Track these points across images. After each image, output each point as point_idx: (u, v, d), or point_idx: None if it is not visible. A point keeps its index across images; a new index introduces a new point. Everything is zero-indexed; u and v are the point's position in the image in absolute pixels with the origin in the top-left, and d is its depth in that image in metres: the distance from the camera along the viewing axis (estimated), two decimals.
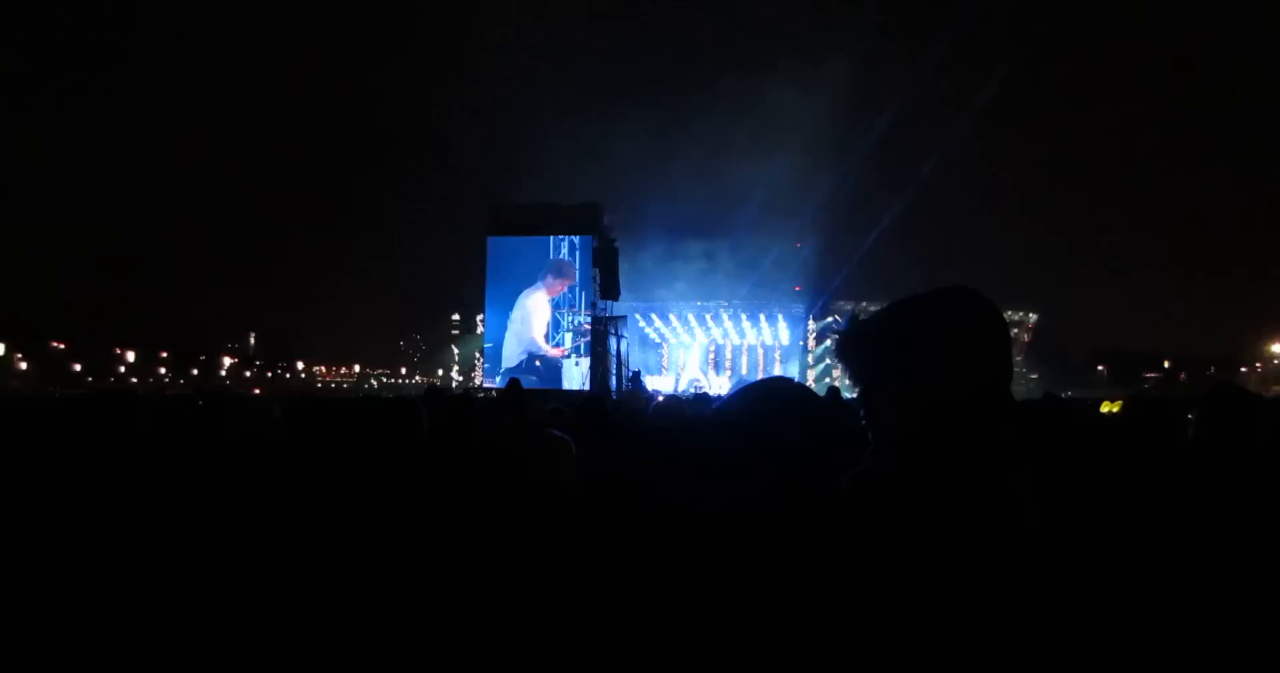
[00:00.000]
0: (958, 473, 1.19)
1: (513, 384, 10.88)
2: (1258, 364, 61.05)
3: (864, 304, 42.59)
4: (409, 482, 2.56)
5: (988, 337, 1.24)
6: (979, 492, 1.19)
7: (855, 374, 1.32)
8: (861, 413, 1.30)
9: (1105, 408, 10.38)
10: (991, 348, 1.24)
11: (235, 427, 2.46)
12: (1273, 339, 59.42)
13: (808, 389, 1.61)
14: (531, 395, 16.53)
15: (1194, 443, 2.88)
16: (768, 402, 1.50)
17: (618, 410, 7.90)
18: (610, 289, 24.46)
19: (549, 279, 25.34)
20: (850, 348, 1.33)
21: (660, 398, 20.48)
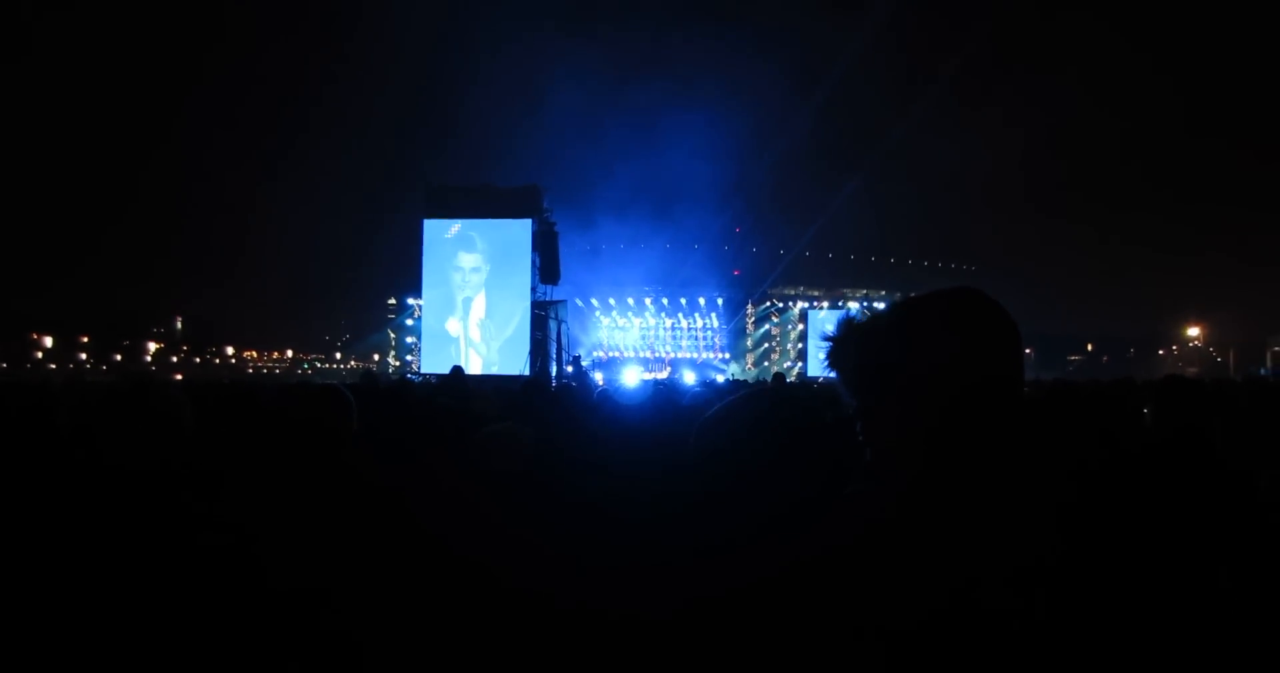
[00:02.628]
0: (975, 487, 1.09)
1: (456, 372, 10.66)
2: (1174, 346, 63.54)
3: (859, 306, 43.10)
4: (337, 481, 2.36)
5: (999, 340, 1.15)
6: (1001, 506, 1.08)
7: (852, 382, 1.19)
8: (859, 425, 1.17)
9: None
10: (1004, 351, 1.15)
11: (140, 420, 2.21)
12: (1188, 322, 61.88)
13: (790, 403, 1.47)
14: (473, 381, 16.31)
15: (1153, 435, 2.84)
16: (758, 431, 1.37)
17: (564, 396, 7.74)
18: (550, 273, 24.23)
19: None
20: (847, 354, 1.20)
21: (601, 381, 20.40)
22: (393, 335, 43.12)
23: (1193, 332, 62.52)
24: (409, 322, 37.10)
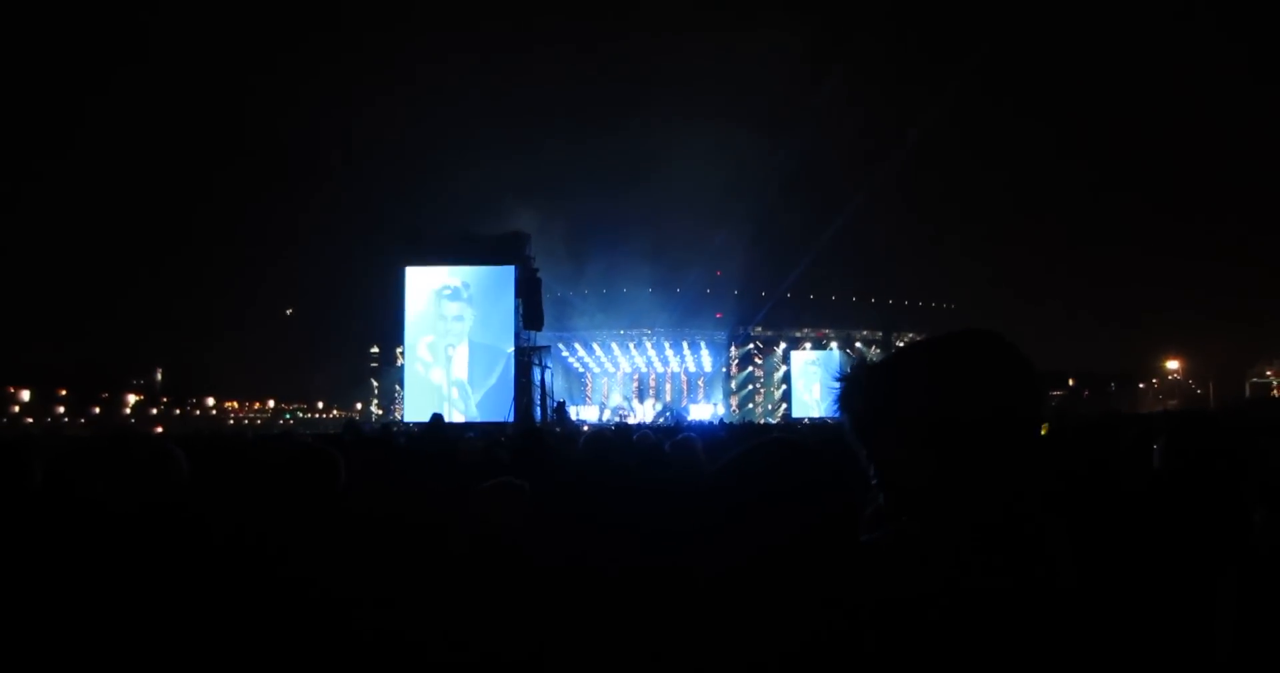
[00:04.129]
0: (989, 531, 1.06)
1: (435, 420, 10.55)
2: (1154, 380, 63.97)
3: (871, 349, 43.41)
4: (322, 546, 2.30)
5: (1013, 381, 1.13)
6: (1012, 550, 1.06)
7: (862, 424, 1.16)
8: (872, 469, 1.14)
9: None
10: (1018, 392, 1.13)
11: (131, 482, 2.16)
12: (1167, 356, 62.42)
13: (805, 452, 1.44)
14: (456, 429, 16.17)
15: (1164, 474, 2.81)
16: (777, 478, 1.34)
17: (547, 443, 7.66)
18: (534, 319, 24.23)
19: None
20: (859, 395, 1.18)
21: (586, 428, 20.29)
22: (375, 384, 42.84)
23: (1172, 365, 63.07)
24: (392, 370, 36.89)
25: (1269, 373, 58.98)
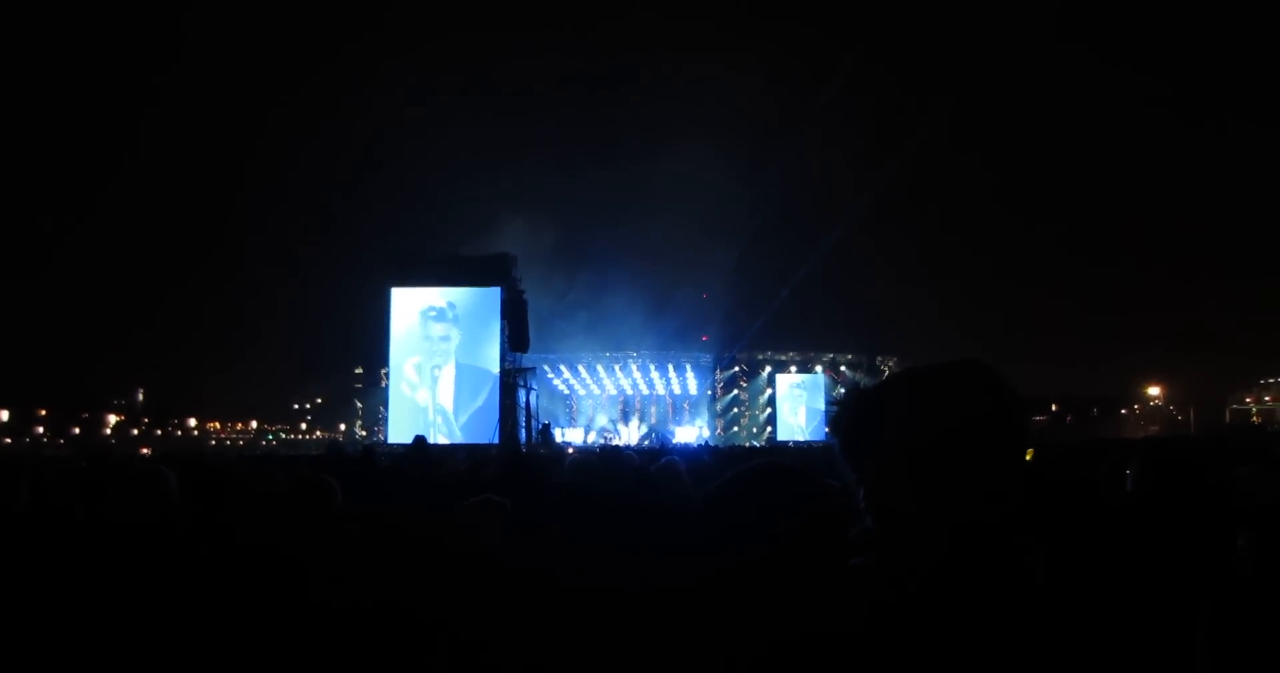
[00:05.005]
0: (970, 553, 1.09)
1: (419, 442, 10.50)
2: (1136, 406, 64.40)
3: (857, 373, 43.52)
4: (323, 572, 2.31)
5: (999, 410, 1.16)
6: (992, 571, 1.09)
7: (852, 447, 1.20)
8: (860, 492, 1.17)
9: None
10: (1003, 421, 1.15)
11: (119, 508, 2.17)
12: (1149, 382, 62.91)
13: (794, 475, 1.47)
14: (440, 451, 16.09)
15: (1137, 499, 2.85)
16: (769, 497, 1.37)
17: (533, 465, 7.65)
18: (519, 341, 24.22)
19: None
20: (849, 420, 1.21)
21: (571, 451, 20.23)
22: (360, 405, 42.61)
23: (1154, 391, 63.54)
24: (376, 391, 36.72)
25: (1248, 400, 59.52)
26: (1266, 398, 58.82)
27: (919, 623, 1.05)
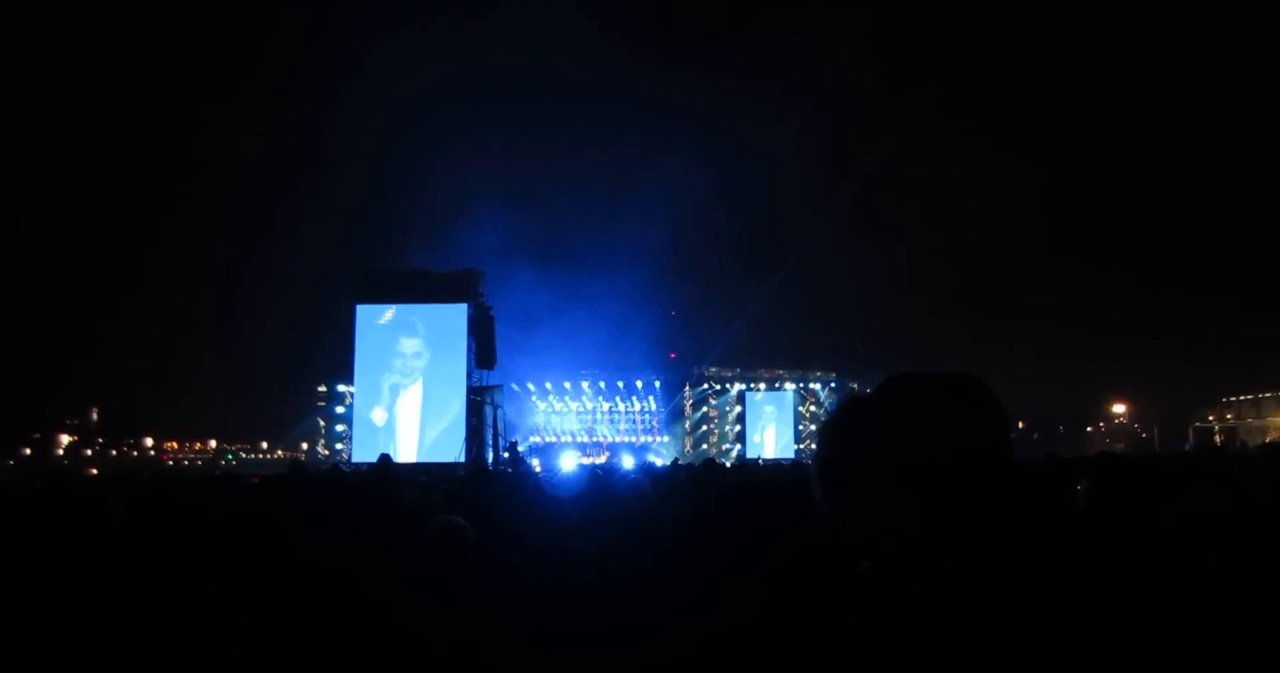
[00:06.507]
0: (969, 572, 1.12)
1: (384, 461, 10.43)
2: (1101, 423, 65.35)
3: (824, 390, 43.57)
4: (280, 591, 2.29)
5: (989, 425, 1.18)
6: (976, 577, 1.11)
7: (842, 464, 1.21)
8: (843, 507, 1.19)
9: None
10: (1007, 445, 1.19)
11: (58, 529, 2.13)
12: (1115, 400, 63.89)
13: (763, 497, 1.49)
14: (406, 470, 15.94)
15: (1087, 516, 2.90)
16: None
17: (500, 484, 7.62)
18: (486, 358, 24.09)
19: None
20: (845, 429, 1.23)
21: (539, 469, 20.12)
22: (323, 424, 42.13)
23: (1119, 409, 64.51)
24: (340, 409, 36.34)
25: (1211, 417, 60.61)
26: (1229, 416, 59.96)
27: (918, 635, 1.07)
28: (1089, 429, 64.22)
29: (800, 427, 43.71)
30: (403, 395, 24.75)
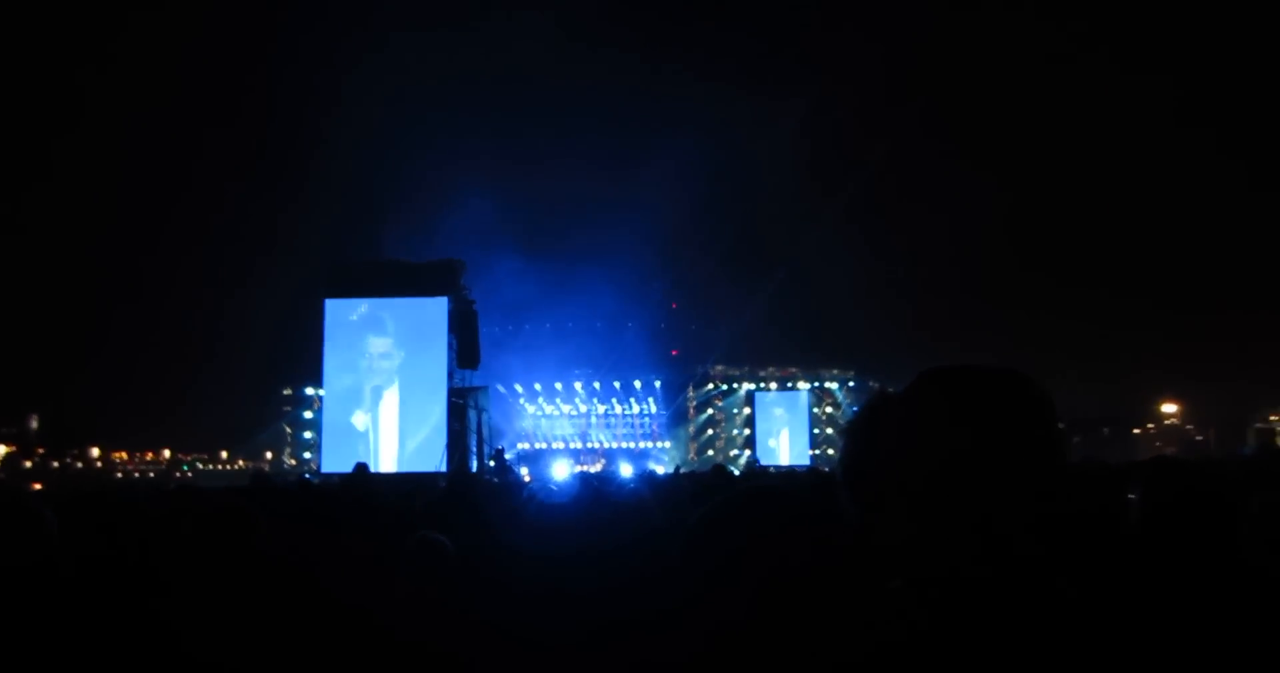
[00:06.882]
0: (1006, 576, 1.10)
1: (359, 470, 10.44)
2: (1150, 425, 65.37)
3: (873, 384, 43.39)
4: (242, 612, 2.28)
5: (1041, 427, 1.17)
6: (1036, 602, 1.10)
7: (870, 466, 1.20)
8: (873, 516, 1.18)
9: None
10: (1048, 443, 1.17)
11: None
12: (1165, 399, 63.88)
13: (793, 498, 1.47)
14: (384, 481, 15.94)
15: (1140, 535, 2.88)
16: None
17: (488, 497, 7.61)
18: (469, 357, 24.10)
19: None
20: (875, 431, 1.21)
21: (529, 478, 20.13)
22: (288, 430, 42.18)
23: (1169, 409, 64.53)
24: (307, 415, 36.38)
25: (1273, 417, 60.61)
26: None
27: (963, 651, 1.06)
28: (1136, 431, 64.25)
29: (816, 430, 43.76)
30: (377, 399, 24.75)
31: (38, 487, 25.97)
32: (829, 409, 45.05)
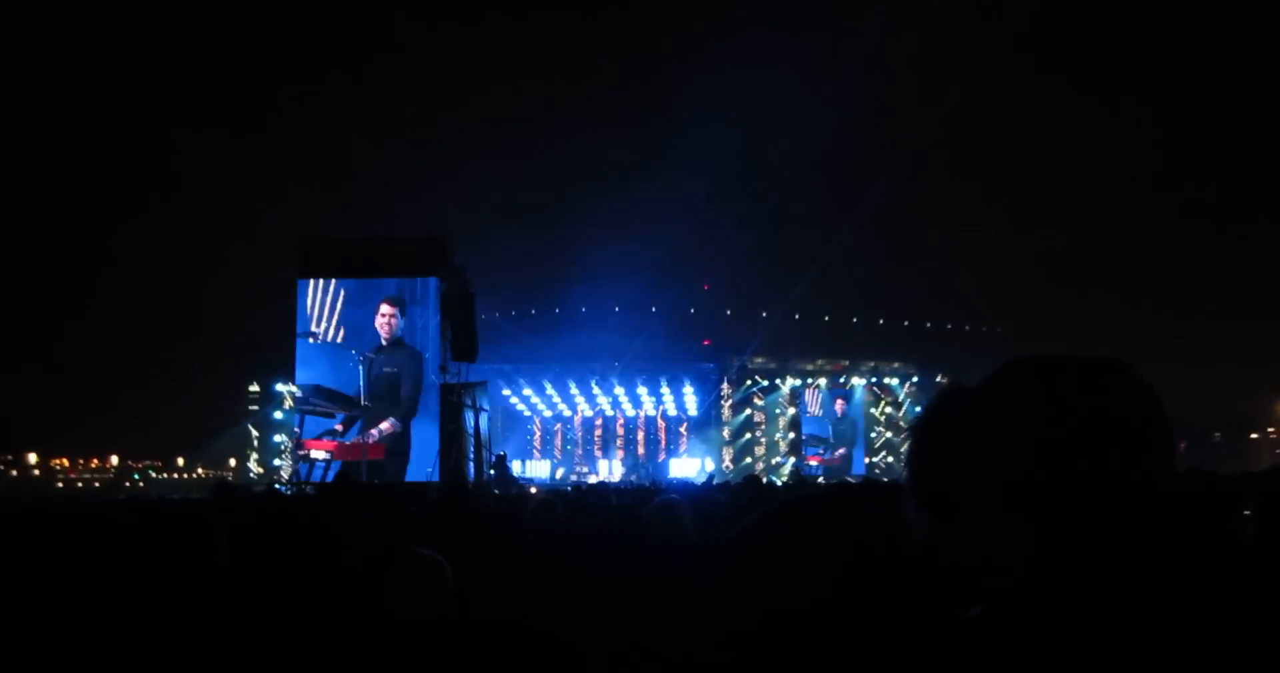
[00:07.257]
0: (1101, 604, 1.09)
1: (341, 478, 10.50)
2: (1270, 429, 64.86)
3: (905, 387, 43.32)
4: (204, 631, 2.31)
5: (1150, 429, 1.15)
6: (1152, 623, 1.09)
7: (947, 478, 1.18)
8: (941, 544, 1.17)
9: None
10: (1162, 442, 1.15)
11: None
12: None
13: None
14: (367, 490, 16.03)
15: (1257, 555, 2.88)
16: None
17: (486, 510, 7.66)
18: (466, 348, 24.13)
19: None
20: (948, 430, 1.20)
21: (534, 490, 20.22)
22: (255, 433, 42.48)
23: None
24: (278, 415, 36.64)
25: None
26: None
27: None
28: (1254, 436, 63.79)
29: (873, 434, 43.67)
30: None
31: None
32: (888, 409, 44.93)
